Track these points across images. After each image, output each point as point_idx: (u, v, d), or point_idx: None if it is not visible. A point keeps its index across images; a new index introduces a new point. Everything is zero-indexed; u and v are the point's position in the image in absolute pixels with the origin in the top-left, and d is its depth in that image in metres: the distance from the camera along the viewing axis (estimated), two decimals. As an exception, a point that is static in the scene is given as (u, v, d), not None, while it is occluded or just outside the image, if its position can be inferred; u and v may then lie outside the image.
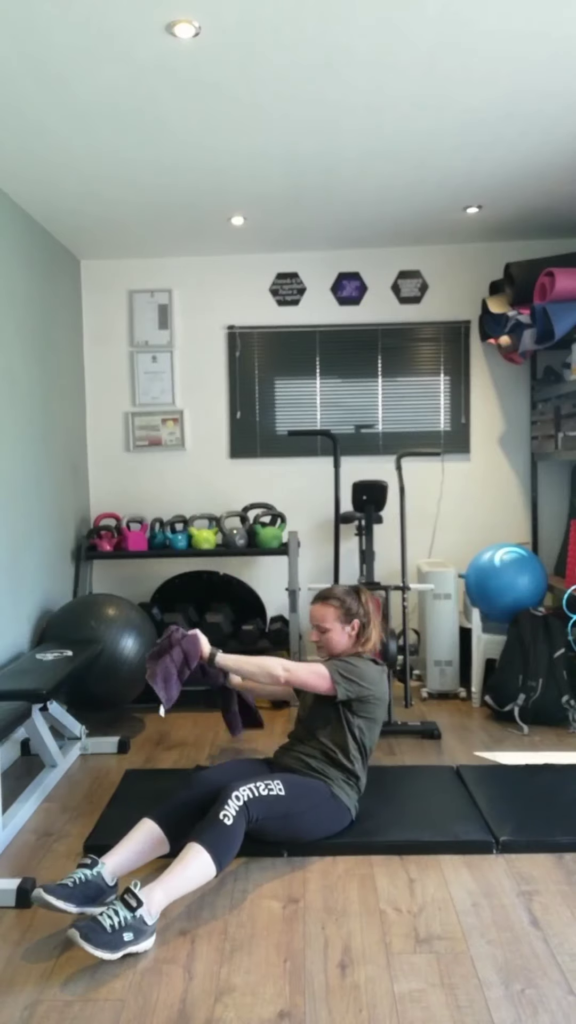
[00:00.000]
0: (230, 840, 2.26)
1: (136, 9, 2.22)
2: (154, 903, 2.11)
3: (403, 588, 3.78)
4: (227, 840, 2.25)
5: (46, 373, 4.04)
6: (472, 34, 2.38)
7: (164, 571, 4.75)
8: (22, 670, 3.12)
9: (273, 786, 2.44)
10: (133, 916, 2.05)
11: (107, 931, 2.01)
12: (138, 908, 2.07)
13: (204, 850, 2.21)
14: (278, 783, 2.46)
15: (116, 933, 2.02)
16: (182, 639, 2.74)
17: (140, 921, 2.06)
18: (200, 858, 2.20)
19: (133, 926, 2.04)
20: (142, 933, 2.06)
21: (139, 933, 2.05)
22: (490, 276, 4.58)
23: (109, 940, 2.00)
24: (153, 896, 2.11)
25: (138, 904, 2.07)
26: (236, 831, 2.28)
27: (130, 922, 2.04)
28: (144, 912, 2.08)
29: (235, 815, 2.29)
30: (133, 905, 2.06)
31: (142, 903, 2.08)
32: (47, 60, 2.46)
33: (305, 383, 4.69)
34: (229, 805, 2.31)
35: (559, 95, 2.78)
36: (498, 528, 4.70)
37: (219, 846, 2.23)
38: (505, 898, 2.30)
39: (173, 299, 4.69)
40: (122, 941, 2.02)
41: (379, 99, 2.78)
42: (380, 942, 2.10)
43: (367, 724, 2.72)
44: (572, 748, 3.46)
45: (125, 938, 2.02)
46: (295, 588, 4.22)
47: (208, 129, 2.98)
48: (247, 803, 2.33)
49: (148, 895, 2.11)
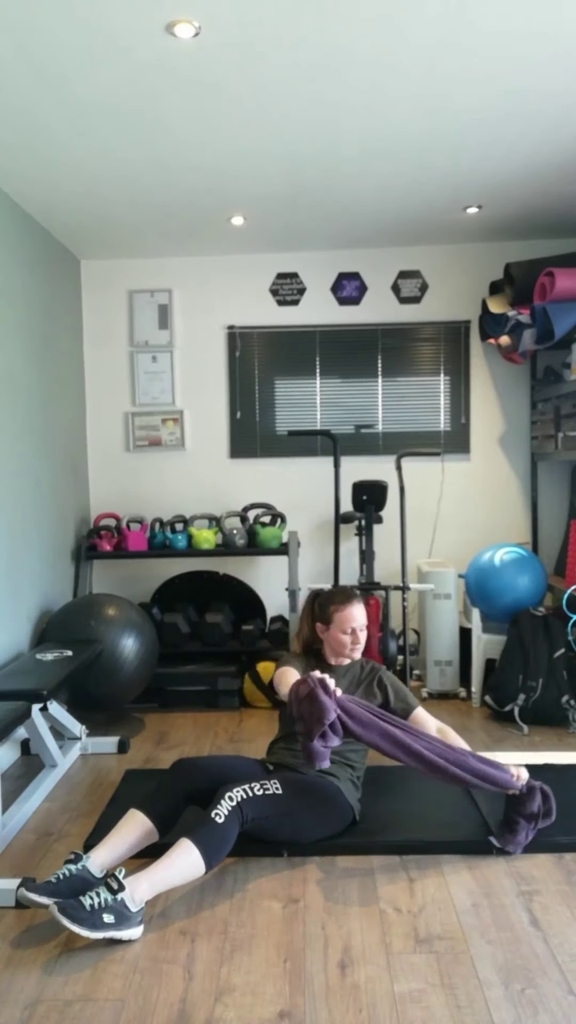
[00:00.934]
0: (221, 838, 2.27)
1: (136, 9, 2.22)
2: (138, 891, 2.13)
3: (403, 588, 3.78)
4: (217, 838, 2.26)
5: (46, 373, 4.04)
6: (472, 34, 2.38)
7: (164, 571, 4.75)
8: (22, 670, 3.12)
9: (269, 786, 2.44)
10: (114, 899, 2.08)
11: (85, 909, 2.04)
12: (120, 892, 2.09)
13: (194, 846, 2.23)
14: (275, 783, 2.46)
15: (95, 912, 2.04)
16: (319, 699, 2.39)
17: (122, 905, 2.08)
18: (189, 854, 2.22)
19: (114, 908, 2.07)
20: (124, 919, 2.08)
21: (121, 918, 2.07)
22: (490, 276, 4.58)
23: (87, 917, 2.03)
24: (138, 884, 2.13)
25: (119, 888, 2.10)
26: (228, 830, 2.29)
27: (110, 904, 2.07)
28: (127, 897, 2.10)
29: (227, 815, 2.30)
30: (115, 888, 2.09)
31: (124, 887, 2.10)
32: (47, 60, 2.46)
33: (305, 383, 4.69)
34: (222, 805, 2.31)
35: (559, 95, 2.78)
36: (498, 528, 4.70)
37: (209, 843, 2.24)
38: (505, 898, 2.30)
39: (173, 299, 4.69)
40: (102, 921, 2.04)
41: (379, 99, 2.78)
42: (380, 942, 2.10)
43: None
44: (572, 748, 3.46)
45: (105, 919, 2.05)
46: (295, 588, 4.22)
47: (208, 129, 2.98)
48: (240, 804, 2.34)
49: (133, 883, 2.13)
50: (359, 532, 4.26)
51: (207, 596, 4.60)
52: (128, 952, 2.07)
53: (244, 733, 3.76)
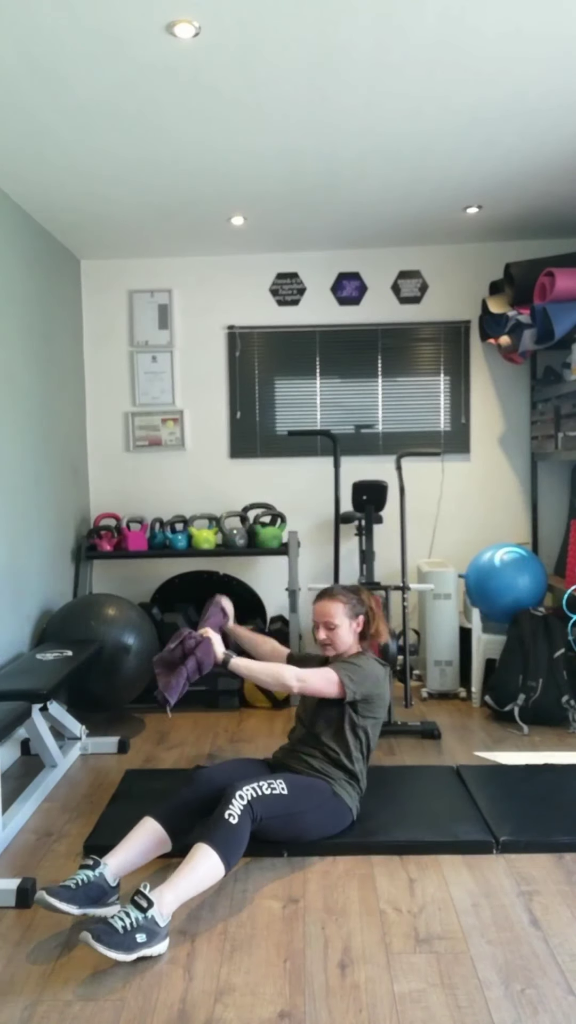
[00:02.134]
0: (237, 839, 2.26)
1: (136, 9, 2.22)
2: (165, 904, 2.09)
3: (403, 588, 3.78)
4: (234, 840, 2.25)
5: (46, 373, 4.04)
6: (472, 34, 2.38)
7: (164, 571, 4.74)
8: (22, 670, 3.12)
9: (276, 785, 2.44)
10: (145, 917, 2.04)
11: (119, 932, 1.99)
12: (149, 909, 2.05)
13: (212, 851, 2.20)
14: (280, 782, 2.46)
15: (128, 934, 2.00)
16: (196, 647, 2.60)
17: (152, 922, 2.05)
18: (209, 859, 2.20)
19: (145, 927, 2.03)
20: (155, 935, 2.04)
21: (152, 935, 2.04)
22: (490, 276, 4.58)
23: (122, 941, 1.98)
24: (164, 898, 2.10)
25: (149, 905, 2.06)
26: (242, 830, 2.28)
27: (142, 923, 2.03)
28: (155, 913, 2.06)
29: (240, 814, 2.29)
30: (144, 906, 2.05)
31: (153, 903, 2.06)
32: (47, 60, 2.46)
33: (305, 383, 4.69)
34: (233, 805, 2.30)
35: (559, 95, 2.78)
36: (498, 528, 4.70)
37: (227, 846, 2.23)
38: (505, 898, 2.30)
39: (173, 299, 4.69)
40: (135, 942, 2.00)
41: (379, 99, 2.78)
42: (380, 942, 2.11)
43: (371, 724, 2.72)
44: (572, 748, 3.46)
45: (138, 939, 2.01)
46: (295, 588, 4.22)
47: (208, 129, 2.98)
48: (251, 802, 2.33)
49: (159, 896, 2.09)
50: (359, 532, 4.26)
51: (207, 596, 4.58)
52: (128, 952, 2.08)
53: (244, 733, 3.76)
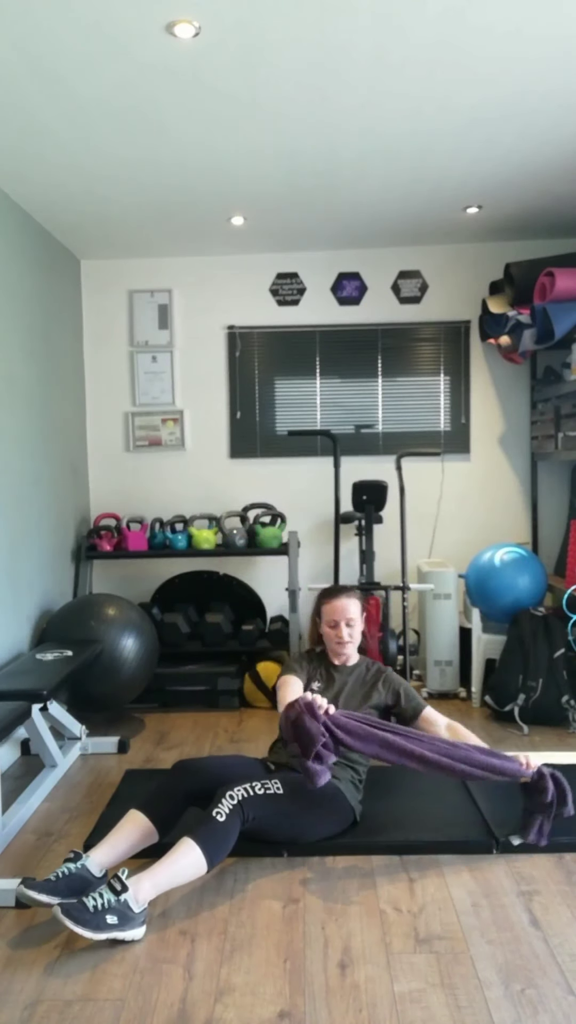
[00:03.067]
0: (222, 837, 2.27)
1: (136, 9, 2.22)
2: (141, 891, 2.13)
3: (403, 588, 3.78)
4: (219, 837, 2.26)
5: (46, 373, 4.04)
6: (472, 34, 2.38)
7: (164, 571, 4.74)
8: (22, 670, 3.12)
9: (271, 785, 2.44)
10: (117, 900, 2.08)
11: (89, 911, 2.04)
12: (123, 893, 2.09)
13: (196, 845, 2.23)
14: (276, 782, 2.46)
15: (98, 914, 2.04)
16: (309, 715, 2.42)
17: (125, 906, 2.08)
18: (191, 853, 2.22)
19: (117, 909, 2.07)
20: (128, 920, 2.08)
21: (124, 919, 2.07)
22: (490, 276, 4.58)
23: (90, 919, 2.03)
24: (141, 885, 2.14)
25: (123, 889, 2.10)
26: (229, 829, 2.29)
27: (113, 905, 2.07)
28: (129, 898, 2.10)
29: (228, 813, 2.30)
30: (118, 889, 2.09)
31: (127, 888, 2.10)
32: (47, 60, 2.46)
33: (305, 383, 4.69)
34: (223, 804, 2.32)
35: (559, 95, 2.78)
36: (498, 528, 4.70)
37: (211, 842, 2.24)
38: (505, 898, 2.30)
39: (173, 299, 4.68)
40: (105, 923, 2.04)
41: (379, 99, 2.78)
42: (380, 942, 2.11)
43: None
44: (572, 748, 3.46)
45: (108, 920, 2.05)
46: (295, 588, 4.22)
47: (208, 129, 2.98)
48: (241, 803, 2.34)
49: (136, 883, 2.13)
50: (359, 532, 4.26)
51: (207, 596, 4.60)
52: (128, 952, 2.08)
53: (244, 733, 3.76)
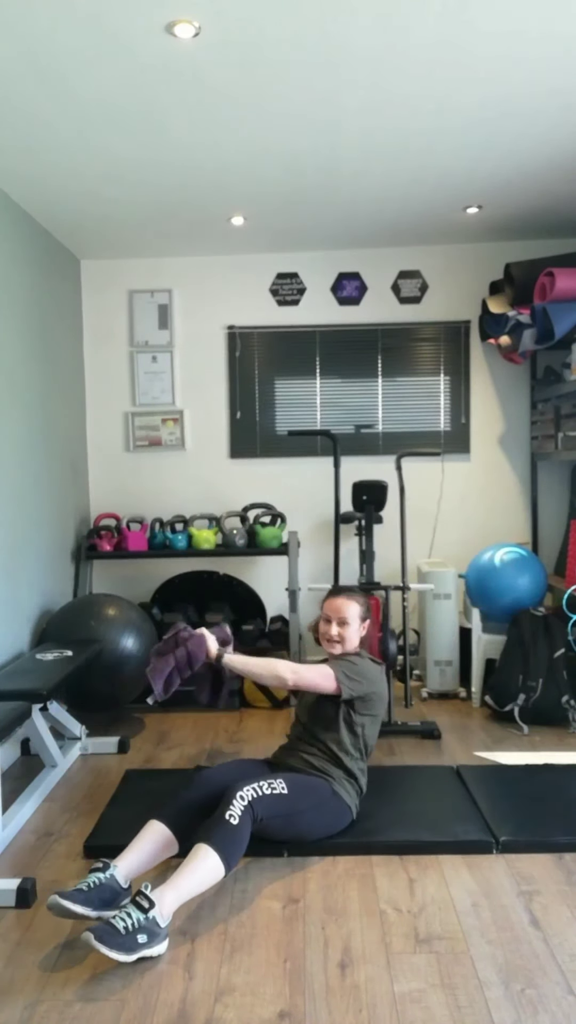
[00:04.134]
0: (237, 840, 2.27)
1: (136, 9, 2.22)
2: (166, 905, 2.10)
3: (403, 588, 3.78)
4: (234, 840, 2.26)
5: (46, 373, 4.04)
6: (472, 34, 2.38)
7: (164, 571, 4.74)
8: (22, 670, 3.12)
9: (276, 785, 2.44)
10: (146, 918, 2.04)
11: (121, 933, 2.00)
12: (151, 910, 2.05)
13: (213, 851, 2.21)
14: (280, 782, 2.46)
15: (130, 935, 2.00)
16: (189, 639, 2.69)
17: (153, 923, 2.05)
18: (209, 859, 2.20)
19: (146, 928, 2.03)
20: (155, 936, 2.05)
21: (152, 936, 2.04)
22: (490, 276, 4.58)
23: (123, 942, 1.99)
24: (164, 898, 2.10)
25: (150, 905, 2.06)
26: (242, 830, 2.29)
27: (143, 924, 2.03)
28: (156, 914, 2.06)
29: (240, 815, 2.29)
30: (145, 907, 2.05)
31: (154, 904, 2.07)
32: (47, 60, 2.46)
33: (305, 383, 4.69)
34: (234, 805, 2.31)
35: (559, 95, 2.78)
36: (498, 528, 4.70)
37: (227, 846, 2.23)
38: (505, 898, 2.30)
39: (173, 299, 4.68)
40: (136, 943, 2.00)
41: (379, 99, 2.78)
42: (380, 942, 2.10)
43: (369, 721, 2.73)
44: (572, 748, 3.46)
45: (139, 940, 2.01)
46: (295, 588, 4.22)
47: (208, 129, 2.98)
48: (251, 803, 2.34)
49: (159, 897, 2.10)
50: (359, 532, 4.25)
51: (207, 596, 4.60)
52: (128, 952, 2.07)
53: (244, 733, 3.76)
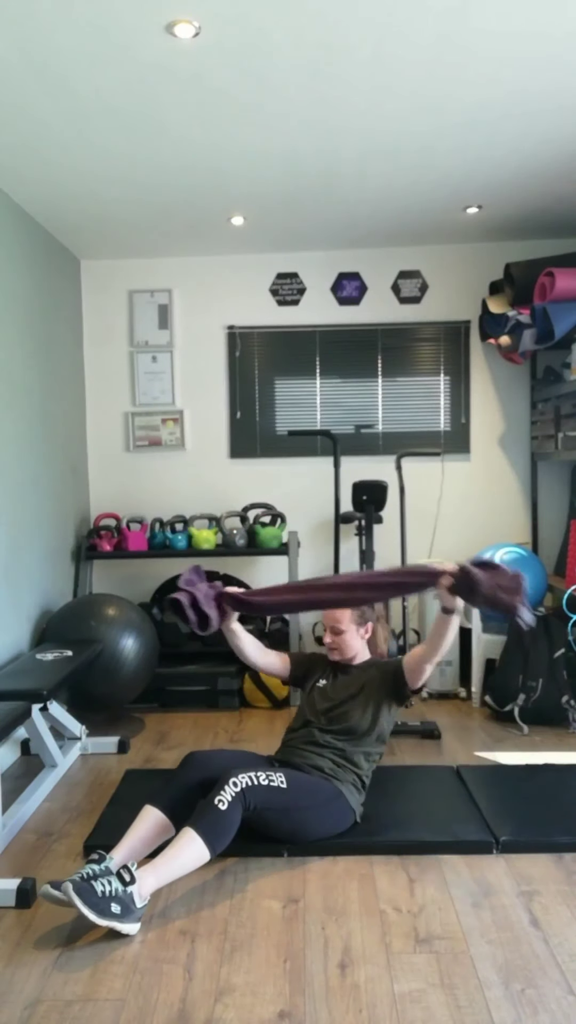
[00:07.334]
0: (224, 825, 2.28)
1: (136, 9, 2.22)
2: (145, 886, 2.17)
3: (403, 588, 3.78)
4: (221, 825, 2.28)
5: (46, 373, 4.04)
6: (472, 34, 2.38)
7: (164, 571, 4.74)
8: (22, 670, 3.12)
9: (275, 778, 2.45)
10: (124, 891, 2.13)
11: (97, 895, 2.09)
12: (130, 884, 2.14)
13: (197, 835, 2.25)
14: (280, 776, 2.47)
15: (105, 899, 2.09)
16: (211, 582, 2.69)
17: (129, 898, 2.13)
18: (193, 844, 2.24)
19: (122, 899, 2.12)
20: (129, 912, 2.12)
21: (126, 911, 2.12)
22: (490, 276, 4.58)
23: (97, 903, 2.08)
24: (144, 880, 2.17)
25: (131, 880, 2.14)
26: (231, 817, 2.30)
27: (120, 895, 2.12)
28: (135, 891, 2.14)
29: (230, 800, 2.31)
30: (127, 880, 2.14)
31: (135, 880, 2.15)
32: (47, 60, 2.46)
33: (305, 383, 4.69)
34: (226, 791, 2.33)
35: (559, 95, 2.78)
36: (498, 528, 4.70)
37: (212, 831, 2.26)
38: (505, 898, 2.30)
39: (173, 299, 4.68)
40: (109, 910, 2.09)
41: (379, 99, 2.78)
42: (380, 942, 2.11)
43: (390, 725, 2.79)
44: (572, 748, 3.46)
45: (112, 909, 2.09)
46: (295, 588, 4.21)
47: (208, 129, 2.98)
48: (244, 790, 2.34)
49: (141, 877, 2.17)
50: (359, 532, 4.25)
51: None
52: (128, 952, 2.08)
53: (244, 733, 3.76)
